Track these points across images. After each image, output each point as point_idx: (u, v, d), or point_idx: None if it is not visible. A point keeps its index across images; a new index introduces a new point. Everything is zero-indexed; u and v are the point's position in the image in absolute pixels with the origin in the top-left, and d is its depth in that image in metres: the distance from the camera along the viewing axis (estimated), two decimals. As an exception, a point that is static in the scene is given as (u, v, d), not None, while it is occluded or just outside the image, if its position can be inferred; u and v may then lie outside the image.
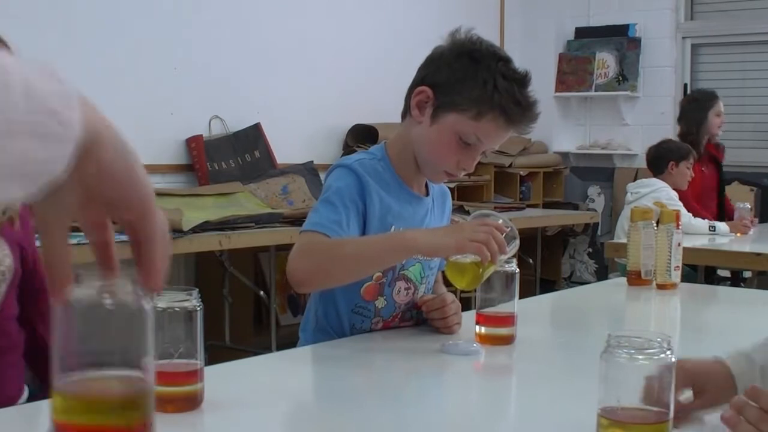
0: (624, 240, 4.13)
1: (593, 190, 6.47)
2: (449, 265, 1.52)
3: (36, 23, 3.80)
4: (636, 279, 2.39)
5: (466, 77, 1.63)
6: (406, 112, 1.74)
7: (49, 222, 0.64)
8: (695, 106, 4.77)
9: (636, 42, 6.24)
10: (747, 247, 3.78)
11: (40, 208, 0.61)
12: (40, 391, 1.60)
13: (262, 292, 4.39)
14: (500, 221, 1.53)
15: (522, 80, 1.65)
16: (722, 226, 4.15)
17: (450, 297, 1.73)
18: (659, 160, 4.51)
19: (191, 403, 1.17)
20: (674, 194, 4.32)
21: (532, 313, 1.96)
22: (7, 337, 1.53)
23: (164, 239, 0.69)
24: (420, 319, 1.78)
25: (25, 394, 1.58)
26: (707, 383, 1.12)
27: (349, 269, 1.60)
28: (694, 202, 4.53)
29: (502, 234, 1.50)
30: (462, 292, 4.73)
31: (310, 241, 1.60)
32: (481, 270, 1.48)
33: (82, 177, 0.61)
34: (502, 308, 1.62)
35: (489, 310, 1.62)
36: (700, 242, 3.79)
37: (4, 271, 1.50)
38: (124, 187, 0.65)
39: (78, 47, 3.96)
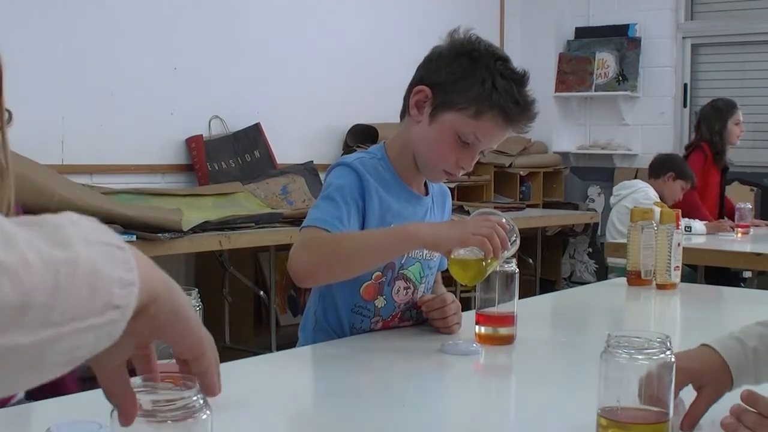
0: (614, 240, 4.16)
1: (593, 190, 6.47)
2: (452, 261, 1.51)
3: (35, 24, 3.80)
4: (636, 279, 2.39)
5: (465, 76, 1.63)
6: (405, 112, 1.74)
7: (104, 364, 0.67)
8: (715, 114, 4.79)
9: (636, 42, 6.24)
10: (747, 247, 3.78)
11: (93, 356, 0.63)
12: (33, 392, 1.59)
13: (262, 292, 4.39)
14: (503, 220, 1.53)
15: (520, 79, 1.65)
16: (698, 225, 4.14)
17: (450, 297, 1.73)
18: (662, 165, 4.53)
19: (191, 403, 1.16)
20: (653, 195, 4.34)
21: (532, 313, 1.96)
22: None
23: (216, 359, 0.74)
24: (420, 319, 1.78)
25: (21, 394, 1.57)
26: (705, 377, 1.12)
27: (352, 262, 1.59)
28: (704, 208, 4.58)
29: (504, 231, 1.50)
30: (462, 291, 4.74)
31: (312, 236, 1.59)
32: (484, 264, 1.48)
33: (135, 332, 0.64)
34: (502, 308, 1.62)
35: (489, 310, 1.62)
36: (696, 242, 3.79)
37: None
38: (177, 338, 0.69)
39: (78, 47, 3.96)
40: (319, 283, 1.69)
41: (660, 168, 4.53)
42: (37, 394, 1.53)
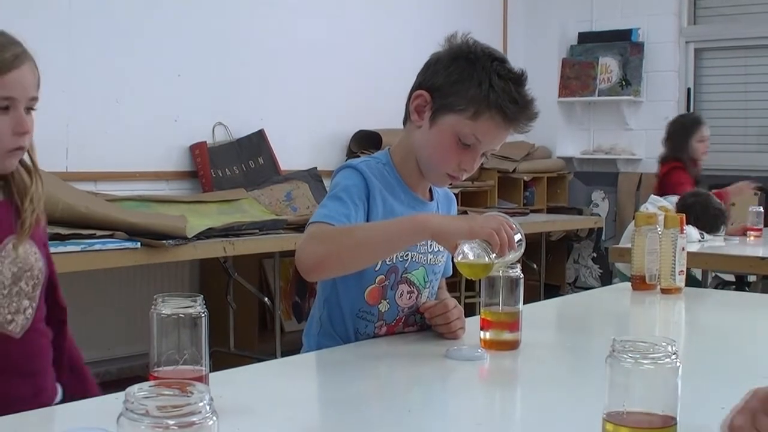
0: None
1: (597, 195, 6.46)
2: (458, 262, 1.51)
3: (40, 32, 3.81)
4: (640, 283, 2.38)
5: (462, 78, 1.64)
6: (407, 118, 1.75)
7: None
8: (680, 131, 4.89)
9: (639, 47, 6.24)
10: (759, 251, 3.73)
11: None
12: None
13: (266, 299, 4.39)
14: (510, 220, 1.54)
15: (518, 79, 1.66)
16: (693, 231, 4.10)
17: (452, 302, 1.73)
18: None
19: (196, 409, 1.16)
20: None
21: (537, 318, 1.96)
22: (43, 337, 1.54)
23: None
24: (424, 325, 1.78)
25: (59, 395, 1.59)
26: None
27: (361, 252, 1.58)
28: None
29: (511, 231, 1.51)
30: (466, 297, 4.74)
31: (320, 229, 1.60)
32: (488, 259, 1.47)
33: None
34: (506, 314, 1.62)
35: (493, 315, 1.62)
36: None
37: (38, 274, 1.50)
38: None
39: (82, 55, 3.97)
40: (328, 275, 1.67)
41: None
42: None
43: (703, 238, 4.02)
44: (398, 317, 1.75)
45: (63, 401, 1.55)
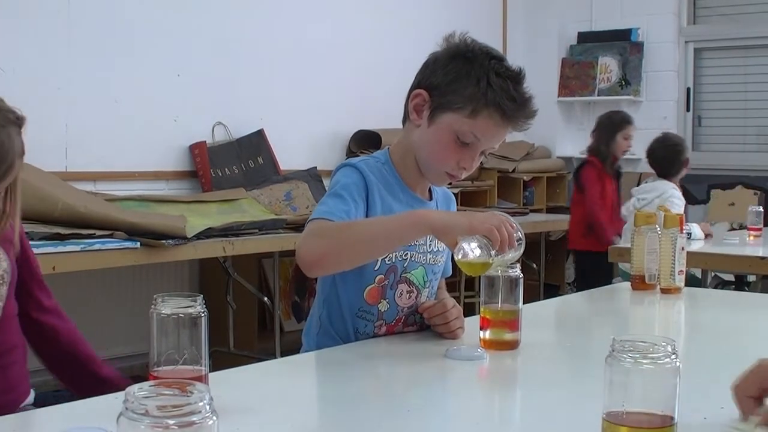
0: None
1: (597, 195, 6.45)
2: (459, 261, 1.51)
3: (39, 32, 3.81)
4: (640, 283, 2.38)
5: (460, 76, 1.65)
6: (405, 118, 1.75)
7: None
8: (608, 126, 4.97)
9: (639, 46, 6.24)
10: (759, 251, 3.73)
11: None
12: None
13: (266, 298, 4.39)
14: (511, 220, 1.54)
15: (516, 77, 1.66)
16: (697, 230, 4.12)
17: (451, 302, 1.73)
18: (675, 164, 4.52)
19: (195, 409, 1.16)
20: (680, 196, 4.32)
21: (537, 317, 1.96)
22: (11, 335, 1.54)
23: None
24: (424, 324, 1.78)
25: (31, 397, 1.58)
26: None
27: (361, 247, 1.58)
28: (605, 217, 4.65)
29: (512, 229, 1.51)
30: (466, 297, 4.73)
31: (320, 225, 1.60)
32: (493, 252, 1.47)
33: None
34: (506, 314, 1.62)
35: (493, 314, 1.62)
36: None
37: (2, 274, 1.51)
38: None
39: (82, 55, 3.97)
40: (328, 270, 1.67)
41: (674, 168, 4.53)
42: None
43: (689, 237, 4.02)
44: (398, 317, 1.75)
45: (35, 405, 1.55)
